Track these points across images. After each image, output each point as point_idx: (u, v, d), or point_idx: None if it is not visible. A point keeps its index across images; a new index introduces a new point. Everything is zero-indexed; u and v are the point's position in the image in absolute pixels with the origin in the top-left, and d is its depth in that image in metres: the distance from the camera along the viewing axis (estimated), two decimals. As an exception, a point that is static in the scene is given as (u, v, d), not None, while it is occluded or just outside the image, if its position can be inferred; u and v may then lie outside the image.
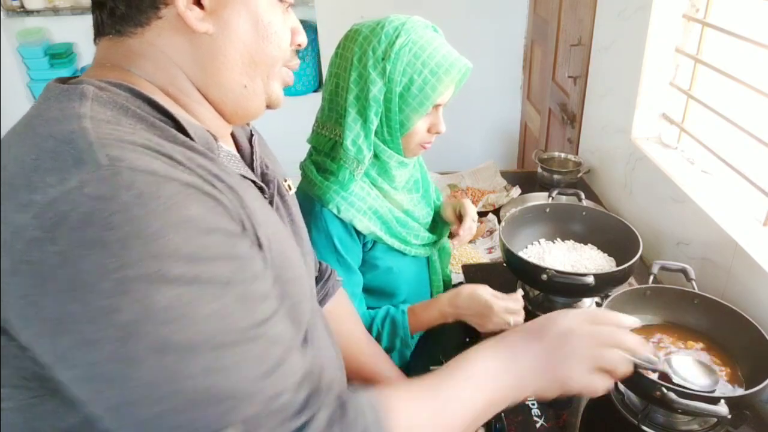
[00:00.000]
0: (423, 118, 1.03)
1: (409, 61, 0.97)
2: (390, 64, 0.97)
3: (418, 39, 0.99)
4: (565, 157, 2.02)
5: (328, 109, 1.05)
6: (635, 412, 0.99)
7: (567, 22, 2.24)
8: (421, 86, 0.98)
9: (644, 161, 1.59)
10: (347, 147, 1.01)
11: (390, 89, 0.98)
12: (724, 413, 0.83)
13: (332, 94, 1.04)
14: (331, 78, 1.05)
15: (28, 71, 2.87)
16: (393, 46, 0.97)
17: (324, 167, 1.05)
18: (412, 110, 1.00)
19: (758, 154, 1.24)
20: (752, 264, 1.13)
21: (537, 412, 1.01)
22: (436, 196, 1.34)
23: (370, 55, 0.98)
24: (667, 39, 1.53)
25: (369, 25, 1.02)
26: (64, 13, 2.71)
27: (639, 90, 1.60)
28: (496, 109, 3.12)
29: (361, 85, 0.98)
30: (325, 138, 1.05)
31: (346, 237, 1.06)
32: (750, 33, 1.22)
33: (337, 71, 1.03)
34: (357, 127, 1.00)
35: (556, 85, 2.41)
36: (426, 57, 0.98)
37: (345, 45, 1.03)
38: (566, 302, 1.28)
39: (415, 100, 0.99)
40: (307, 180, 1.07)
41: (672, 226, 1.45)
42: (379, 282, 1.15)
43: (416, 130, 1.04)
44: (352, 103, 1.00)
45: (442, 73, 0.99)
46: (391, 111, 1.00)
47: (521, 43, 2.94)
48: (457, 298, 1.08)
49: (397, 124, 1.02)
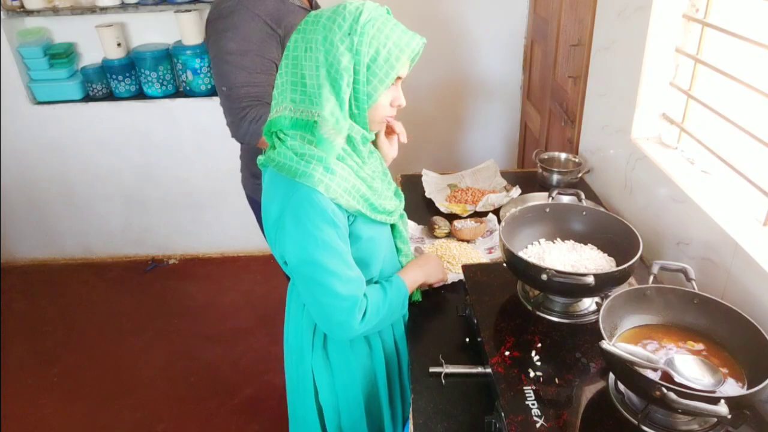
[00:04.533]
0: (386, 92, 1.09)
1: (374, 35, 1.03)
2: (357, 36, 1.02)
3: (378, 16, 1.05)
4: (565, 157, 2.02)
5: (300, 93, 1.08)
6: (635, 412, 0.99)
7: (567, 22, 2.24)
8: (387, 57, 1.05)
9: (644, 161, 1.59)
10: (326, 117, 1.04)
11: (358, 61, 1.03)
12: (724, 413, 0.83)
13: (298, 77, 1.07)
14: (289, 64, 1.08)
15: (28, 71, 2.87)
16: (358, 22, 1.03)
17: (302, 152, 1.07)
18: (379, 81, 1.06)
19: (758, 154, 1.24)
20: (752, 264, 1.13)
21: (537, 412, 1.01)
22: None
23: (336, 32, 1.03)
24: (667, 39, 1.53)
25: (327, 9, 1.07)
26: (64, 13, 2.71)
27: (639, 90, 1.60)
28: (496, 109, 3.12)
29: (330, 60, 1.03)
30: (303, 121, 1.08)
31: (337, 211, 1.10)
32: (750, 33, 1.22)
33: (297, 54, 1.07)
34: (333, 99, 1.05)
35: (556, 85, 2.41)
36: (389, 31, 1.05)
37: (305, 29, 1.07)
38: (566, 302, 1.28)
39: (381, 71, 1.05)
40: (286, 168, 1.07)
41: (672, 226, 1.45)
42: (362, 252, 1.19)
43: (381, 103, 1.10)
44: (324, 78, 1.04)
45: (404, 45, 1.06)
46: (359, 83, 1.05)
47: (521, 43, 2.94)
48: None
49: (364, 95, 1.07)
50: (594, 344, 1.13)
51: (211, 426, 2.27)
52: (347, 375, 1.27)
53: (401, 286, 1.25)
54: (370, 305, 1.15)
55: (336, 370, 1.27)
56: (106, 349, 2.70)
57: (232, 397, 2.39)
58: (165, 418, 2.31)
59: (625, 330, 1.10)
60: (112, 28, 2.76)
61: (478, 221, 1.67)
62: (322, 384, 1.28)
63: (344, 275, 1.10)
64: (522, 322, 1.25)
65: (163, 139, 3.03)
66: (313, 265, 1.08)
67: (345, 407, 1.30)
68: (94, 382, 2.51)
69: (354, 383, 1.28)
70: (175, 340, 2.73)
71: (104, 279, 3.22)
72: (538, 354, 1.15)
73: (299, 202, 1.05)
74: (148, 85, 2.89)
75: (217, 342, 2.70)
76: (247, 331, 2.75)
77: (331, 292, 1.09)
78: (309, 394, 1.29)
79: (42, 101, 2.92)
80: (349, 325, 1.12)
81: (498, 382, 1.08)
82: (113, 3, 2.69)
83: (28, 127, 2.97)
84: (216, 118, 2.95)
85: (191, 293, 3.06)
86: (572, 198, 1.54)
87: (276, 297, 2.96)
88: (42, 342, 2.76)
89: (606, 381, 1.08)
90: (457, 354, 1.24)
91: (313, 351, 1.26)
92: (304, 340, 1.26)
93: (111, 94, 2.95)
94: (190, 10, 2.71)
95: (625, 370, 0.95)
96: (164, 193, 3.18)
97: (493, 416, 1.05)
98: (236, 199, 3.26)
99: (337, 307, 1.11)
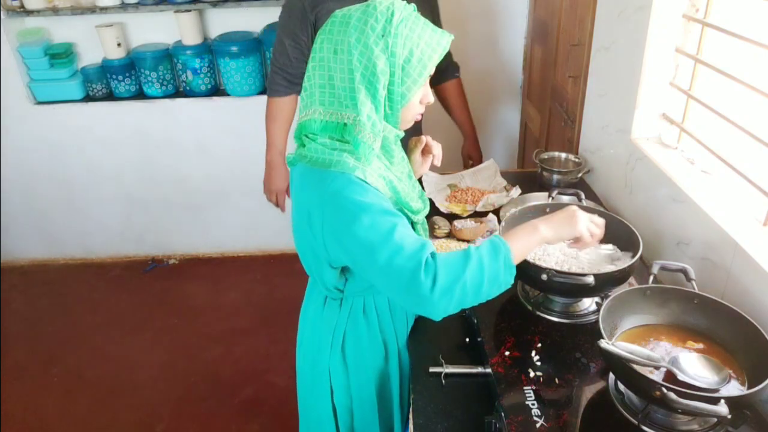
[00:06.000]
0: (419, 90, 1.09)
1: (407, 35, 1.03)
2: (391, 39, 1.02)
3: (409, 15, 1.05)
4: (565, 157, 2.02)
5: (329, 96, 1.07)
6: (635, 412, 0.99)
7: (567, 22, 2.24)
8: (420, 57, 1.05)
9: (644, 161, 1.59)
10: (363, 122, 1.04)
11: (393, 63, 1.03)
12: (724, 413, 0.83)
13: (326, 79, 1.05)
14: (316, 66, 1.06)
15: (28, 71, 2.87)
16: (391, 23, 1.02)
17: (335, 147, 1.07)
18: (413, 81, 1.06)
19: (758, 154, 1.24)
20: (752, 264, 1.13)
21: (537, 412, 1.01)
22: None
23: (369, 34, 1.02)
24: (667, 39, 1.53)
25: (356, 8, 1.06)
26: (64, 13, 2.71)
27: (639, 90, 1.60)
28: (496, 109, 3.12)
29: (365, 63, 1.02)
30: (333, 124, 1.08)
31: (377, 192, 1.06)
32: (750, 33, 1.22)
33: (324, 56, 1.05)
34: (369, 102, 1.04)
35: (556, 85, 2.41)
36: (420, 30, 1.05)
37: (332, 30, 1.05)
38: (566, 302, 1.28)
39: (415, 71, 1.05)
40: (320, 161, 1.06)
41: (672, 226, 1.45)
42: None
43: (413, 102, 1.10)
44: (359, 82, 1.03)
45: (435, 44, 1.06)
46: (393, 84, 1.05)
47: (521, 43, 2.94)
48: (547, 215, 1.12)
49: (398, 96, 1.07)
50: (594, 344, 1.13)
51: (211, 426, 2.27)
52: (362, 376, 1.27)
53: (497, 244, 1.02)
54: (440, 266, 0.97)
55: (352, 371, 1.27)
56: (106, 349, 2.70)
57: (232, 397, 2.39)
58: (165, 418, 2.31)
59: (625, 330, 1.11)
60: (112, 28, 2.76)
61: (478, 221, 1.67)
62: (337, 384, 1.28)
63: (400, 232, 0.99)
64: (522, 322, 1.25)
65: (163, 139, 3.03)
66: (367, 229, 0.99)
67: (358, 408, 1.30)
68: (94, 382, 2.51)
69: (369, 384, 1.28)
70: (175, 340, 2.73)
71: (104, 279, 3.22)
72: (538, 354, 1.15)
73: (338, 187, 1.03)
74: (148, 85, 2.89)
75: (217, 342, 2.70)
76: (247, 331, 2.75)
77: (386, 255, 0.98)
78: (325, 394, 1.29)
79: (42, 101, 2.92)
80: (420, 294, 0.96)
81: (498, 382, 1.08)
82: (113, 3, 2.69)
83: (28, 127, 2.97)
84: (216, 117, 2.97)
85: (191, 293, 3.06)
86: (572, 198, 1.54)
87: (276, 297, 2.97)
88: (42, 342, 2.76)
89: (606, 381, 1.09)
90: (457, 354, 1.23)
91: (332, 351, 1.25)
92: (323, 339, 1.26)
93: (111, 94, 2.95)
94: (190, 10, 2.71)
95: (624, 370, 0.95)
96: (164, 193, 3.18)
97: (493, 416, 1.05)
98: (236, 199, 3.27)
99: (404, 267, 0.97)
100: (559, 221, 1.07)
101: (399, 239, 0.98)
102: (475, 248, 1.01)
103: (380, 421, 1.32)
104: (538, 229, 1.05)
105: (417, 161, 1.32)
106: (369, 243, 0.99)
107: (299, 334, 1.35)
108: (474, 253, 0.99)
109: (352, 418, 1.31)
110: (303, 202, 1.10)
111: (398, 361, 1.31)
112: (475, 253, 0.99)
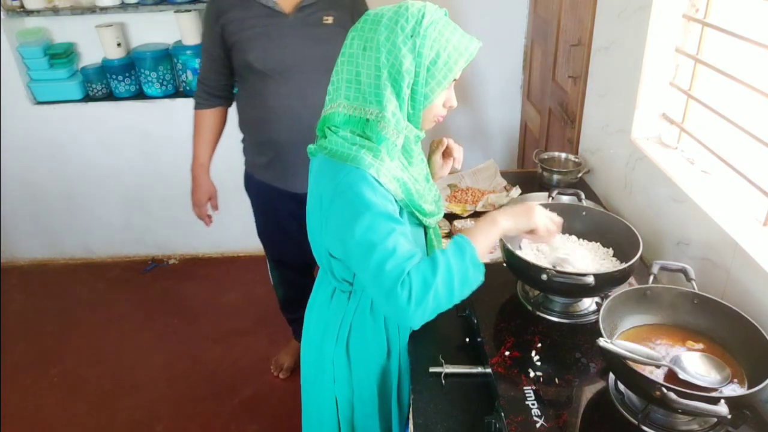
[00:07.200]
0: (441, 93, 1.11)
1: (435, 38, 1.05)
2: (419, 39, 1.04)
3: (439, 19, 1.07)
4: (565, 157, 2.02)
5: (355, 91, 1.09)
6: (635, 412, 0.99)
7: (567, 22, 2.24)
8: (446, 61, 1.07)
9: (644, 161, 1.59)
10: (388, 119, 1.06)
11: (419, 63, 1.05)
12: (724, 413, 0.83)
13: (353, 74, 1.08)
14: (345, 61, 1.09)
15: (28, 71, 2.87)
16: (421, 25, 1.04)
17: (355, 142, 1.09)
18: (437, 83, 1.08)
19: (758, 154, 1.24)
20: (752, 264, 1.13)
21: (537, 412, 1.01)
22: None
23: (398, 33, 1.04)
24: (667, 39, 1.53)
25: (389, 9, 1.09)
26: (64, 13, 2.71)
27: (639, 90, 1.60)
28: (496, 109, 3.12)
29: (392, 61, 1.05)
30: (356, 118, 1.10)
31: (387, 194, 1.09)
32: (750, 33, 1.22)
33: (353, 52, 1.08)
34: (394, 100, 1.07)
35: (556, 85, 2.41)
36: (449, 34, 1.07)
37: (363, 28, 1.08)
38: (566, 302, 1.28)
39: (440, 74, 1.07)
40: (338, 154, 1.08)
41: (672, 226, 1.45)
42: None
43: (435, 104, 1.12)
44: (386, 79, 1.06)
45: (462, 49, 1.08)
46: (418, 84, 1.07)
47: (521, 43, 2.94)
48: (505, 207, 1.17)
49: (422, 96, 1.09)
50: (594, 344, 1.13)
51: (210, 426, 2.27)
52: (364, 371, 1.28)
53: (461, 244, 1.05)
54: (413, 278, 0.99)
55: (354, 365, 1.28)
56: (106, 349, 2.70)
57: (232, 397, 2.39)
58: (165, 418, 2.31)
59: (625, 330, 1.11)
60: (112, 28, 2.76)
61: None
62: (340, 376, 1.29)
63: (395, 238, 1.02)
64: (522, 322, 1.25)
65: (163, 139, 3.02)
66: (366, 230, 1.02)
67: (359, 401, 1.31)
68: (94, 382, 2.51)
69: (370, 380, 1.29)
70: (175, 341, 2.72)
71: (104, 279, 3.22)
72: (538, 354, 1.15)
73: (351, 181, 1.05)
74: (148, 85, 2.88)
75: (217, 342, 2.70)
76: (247, 331, 2.75)
77: (376, 259, 1.00)
78: (328, 386, 1.30)
79: (42, 101, 2.92)
80: (398, 305, 0.98)
81: (498, 382, 1.08)
82: (113, 3, 2.69)
83: (28, 127, 2.97)
84: (216, 118, 2.96)
85: (191, 293, 3.06)
86: (572, 198, 1.54)
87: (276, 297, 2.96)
88: (42, 342, 2.76)
89: (606, 381, 1.08)
90: (457, 354, 1.24)
91: (337, 343, 1.26)
92: (328, 332, 1.27)
93: (111, 94, 2.95)
94: (190, 10, 2.71)
95: (624, 369, 0.95)
96: (164, 193, 3.18)
97: (493, 416, 1.05)
98: (236, 199, 3.26)
99: (389, 273, 0.99)
100: (518, 213, 1.12)
101: (392, 245, 1.02)
102: (441, 252, 1.03)
103: (380, 417, 1.33)
104: (497, 222, 1.10)
105: (437, 163, 1.33)
106: (365, 242, 1.02)
107: (305, 323, 1.37)
108: (441, 258, 1.02)
109: (353, 411, 1.32)
110: (317, 191, 1.13)
111: (398, 361, 1.31)
112: (442, 257, 1.02)
